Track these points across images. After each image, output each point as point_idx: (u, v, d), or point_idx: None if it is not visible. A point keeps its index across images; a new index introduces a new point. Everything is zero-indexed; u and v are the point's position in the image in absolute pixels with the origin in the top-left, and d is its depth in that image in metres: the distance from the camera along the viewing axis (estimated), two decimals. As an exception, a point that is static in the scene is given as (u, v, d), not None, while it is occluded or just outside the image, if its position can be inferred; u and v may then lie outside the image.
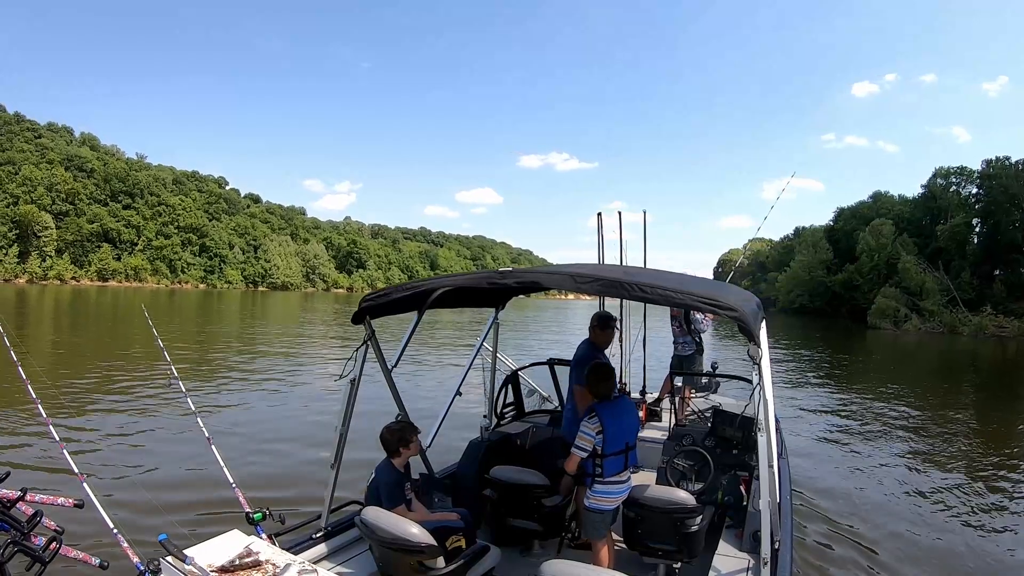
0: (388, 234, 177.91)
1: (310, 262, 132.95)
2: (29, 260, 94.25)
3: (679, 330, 8.42)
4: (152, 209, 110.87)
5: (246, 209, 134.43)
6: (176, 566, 2.80)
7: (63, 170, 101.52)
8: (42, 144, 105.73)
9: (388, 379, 4.58)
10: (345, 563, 3.93)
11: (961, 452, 11.35)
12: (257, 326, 36.85)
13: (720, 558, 4.00)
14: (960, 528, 7.49)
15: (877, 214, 75.68)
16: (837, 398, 17.30)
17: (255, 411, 12.51)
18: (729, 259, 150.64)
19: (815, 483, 8.99)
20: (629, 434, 4.06)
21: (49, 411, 4.71)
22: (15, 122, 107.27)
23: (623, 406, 4.16)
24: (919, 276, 61.45)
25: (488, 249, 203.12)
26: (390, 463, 3.96)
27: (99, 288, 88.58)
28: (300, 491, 7.40)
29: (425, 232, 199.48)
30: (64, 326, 31.95)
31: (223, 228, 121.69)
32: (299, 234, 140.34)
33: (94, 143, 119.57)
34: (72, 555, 3.57)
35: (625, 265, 8.25)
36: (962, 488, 9.09)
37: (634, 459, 4.09)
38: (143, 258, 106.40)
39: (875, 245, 71.10)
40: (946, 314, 56.94)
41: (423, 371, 17.98)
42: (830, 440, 11.94)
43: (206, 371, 17.00)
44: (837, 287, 76.96)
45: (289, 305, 66.60)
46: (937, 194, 70.68)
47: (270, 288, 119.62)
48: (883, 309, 59.91)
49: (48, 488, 4.14)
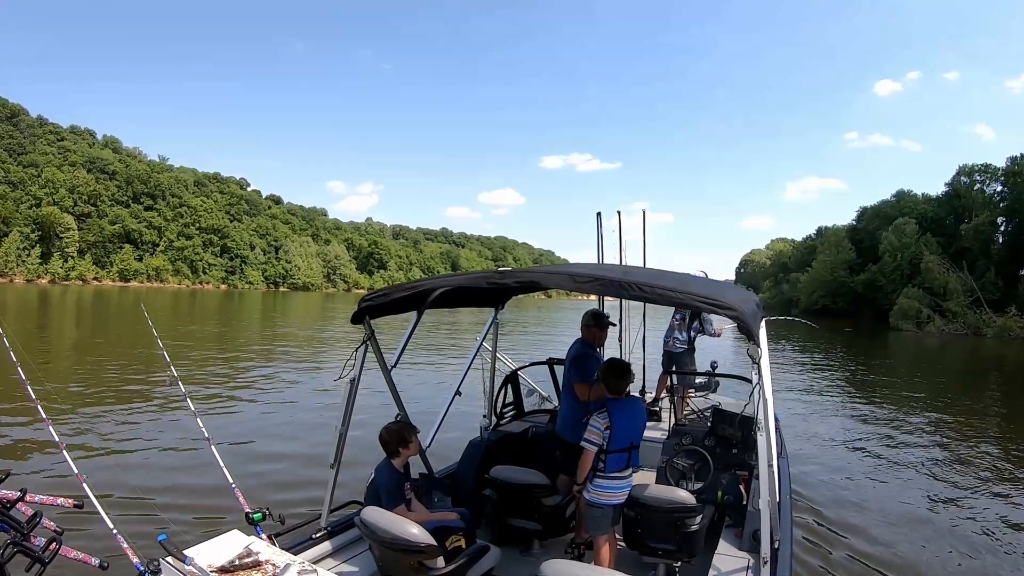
0: (409, 235, 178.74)
1: (331, 263, 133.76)
2: (51, 261, 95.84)
3: (679, 323, 8.35)
4: (174, 210, 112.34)
5: (267, 210, 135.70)
6: (176, 566, 2.80)
7: (85, 172, 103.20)
8: (64, 147, 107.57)
9: (388, 379, 4.58)
10: (345, 563, 3.93)
11: (980, 459, 10.99)
12: (276, 327, 37.13)
13: (720, 557, 3.99)
14: (971, 538, 7.29)
15: (900, 213, 74.47)
16: (851, 402, 17.02)
17: (256, 411, 12.57)
18: (751, 259, 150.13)
19: (821, 485, 8.89)
20: (635, 434, 4.12)
21: (49, 411, 4.73)
22: (38, 125, 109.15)
23: (634, 406, 4.21)
24: (942, 276, 60.30)
25: (509, 250, 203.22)
26: (390, 463, 3.96)
27: (120, 288, 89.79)
28: (300, 491, 7.39)
29: (447, 233, 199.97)
30: (75, 326, 32.31)
31: (244, 229, 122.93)
32: (320, 235, 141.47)
33: (116, 146, 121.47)
34: (72, 556, 3.57)
35: (624, 264, 8.25)
36: (979, 496, 8.83)
37: (636, 460, 4.13)
38: (164, 259, 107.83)
39: (898, 245, 70.02)
40: (970, 315, 55.77)
41: (423, 371, 18.00)
42: (839, 443, 11.77)
43: (209, 372, 17.10)
44: (860, 288, 75.88)
45: (309, 306, 66.99)
46: (961, 192, 69.68)
47: (291, 288, 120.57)
48: (905, 310, 59.06)
49: (48, 489, 4.13)
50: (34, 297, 55.27)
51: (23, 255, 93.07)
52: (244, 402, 13.39)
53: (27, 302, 46.96)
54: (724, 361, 9.13)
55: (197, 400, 10.00)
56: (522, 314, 58.47)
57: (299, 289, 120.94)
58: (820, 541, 6.89)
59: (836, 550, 6.68)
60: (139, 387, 14.01)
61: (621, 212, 9.32)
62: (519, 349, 22.56)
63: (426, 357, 21.32)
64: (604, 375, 4.20)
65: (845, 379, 22.43)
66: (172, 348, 20.13)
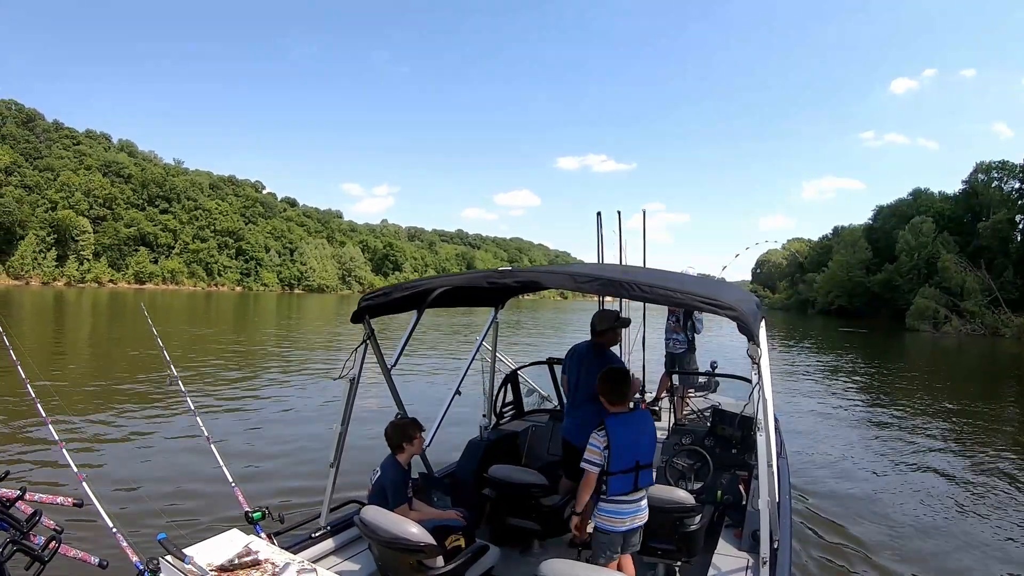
0: (425, 236, 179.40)
1: (346, 265, 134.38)
2: (67, 264, 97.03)
3: (675, 325, 8.31)
4: (189, 213, 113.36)
5: (282, 213, 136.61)
6: (175, 565, 2.79)
7: (100, 176, 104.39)
8: (80, 151, 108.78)
9: (387, 378, 4.59)
10: (344, 562, 3.93)
11: (996, 464, 10.59)
12: (284, 328, 37.33)
13: (719, 557, 3.97)
14: (981, 546, 7.08)
15: (917, 211, 73.64)
16: (861, 404, 16.77)
17: (256, 410, 12.61)
18: (768, 259, 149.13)
19: (825, 486, 8.82)
20: (640, 452, 3.68)
21: (49, 410, 4.77)
22: (54, 130, 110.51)
23: (638, 420, 3.76)
24: (959, 275, 59.32)
25: (525, 251, 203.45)
26: (395, 460, 3.95)
27: (136, 291, 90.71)
28: (299, 490, 7.40)
29: (462, 234, 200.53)
30: (82, 327, 32.61)
31: (259, 231, 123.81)
32: (335, 237, 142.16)
33: (132, 149, 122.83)
34: (71, 554, 3.58)
35: (624, 264, 8.22)
36: (991, 504, 8.53)
37: (647, 479, 3.71)
38: (180, 261, 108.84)
39: (915, 244, 69.20)
40: (988, 315, 54.60)
41: (423, 372, 18.00)
42: (847, 445, 11.59)
43: (211, 371, 17.19)
44: (876, 288, 75.04)
45: (324, 308, 67.27)
46: (979, 190, 68.54)
47: (306, 290, 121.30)
48: (922, 310, 58.09)
49: (47, 487, 4.17)
50: (49, 299, 55.92)
51: (39, 258, 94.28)
52: (245, 401, 13.43)
53: (39, 304, 47.50)
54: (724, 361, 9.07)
55: (198, 400, 10.05)
56: (539, 315, 58.44)
57: (314, 291, 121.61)
58: (820, 541, 6.83)
59: (837, 550, 6.62)
60: (140, 386, 14.10)
61: (621, 212, 9.28)
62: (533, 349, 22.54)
63: (426, 358, 21.35)
64: (600, 385, 3.79)
65: (857, 380, 22.10)
66: (179, 349, 20.57)
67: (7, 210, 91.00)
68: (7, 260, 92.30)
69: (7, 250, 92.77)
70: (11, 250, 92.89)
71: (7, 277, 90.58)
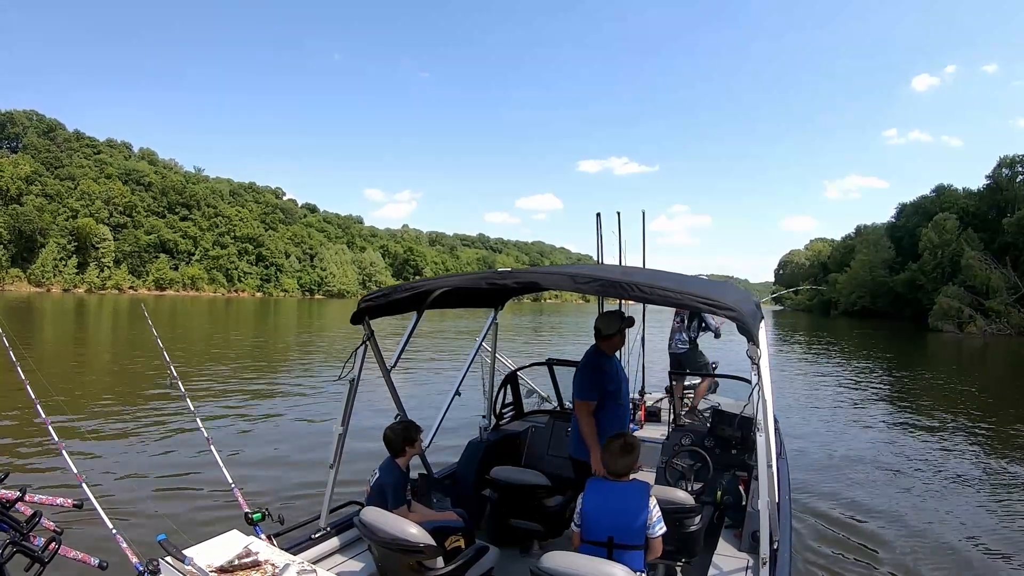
0: (446, 241, 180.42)
1: (366, 270, 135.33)
2: (88, 271, 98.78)
3: (679, 325, 8.22)
4: (209, 220, 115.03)
5: (303, 219, 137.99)
6: (175, 566, 2.79)
7: (121, 184, 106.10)
8: (101, 160, 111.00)
9: (387, 379, 4.57)
10: (344, 563, 3.93)
11: (1016, 471, 10.18)
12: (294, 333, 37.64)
13: (719, 558, 3.95)
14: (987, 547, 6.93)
15: (940, 208, 72.17)
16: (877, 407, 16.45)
17: (257, 411, 12.67)
18: (790, 260, 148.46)
19: (828, 487, 8.70)
20: (616, 527, 3.13)
21: (49, 411, 4.79)
22: (75, 139, 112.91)
23: (621, 493, 3.21)
24: (984, 273, 57.69)
25: (547, 255, 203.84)
26: (394, 463, 3.92)
27: (156, 297, 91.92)
28: (299, 491, 7.42)
29: (484, 239, 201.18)
30: (88, 332, 32.97)
31: (279, 238, 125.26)
32: (355, 242, 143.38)
33: (152, 158, 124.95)
34: (71, 555, 3.60)
35: (624, 265, 8.18)
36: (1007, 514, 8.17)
37: (636, 564, 3.08)
38: (200, 268, 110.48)
39: (938, 241, 67.71)
40: (1014, 314, 52.94)
41: (422, 372, 18.02)
42: (855, 446, 11.38)
43: (212, 372, 17.34)
44: (900, 287, 73.76)
45: (345, 313, 67.64)
46: (1003, 185, 66.77)
47: (326, 296, 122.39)
48: (945, 310, 56.34)
49: (47, 488, 4.19)
50: (68, 305, 56.84)
51: (60, 265, 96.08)
52: (245, 402, 13.50)
53: (56, 309, 48.29)
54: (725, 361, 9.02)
55: (200, 401, 10.09)
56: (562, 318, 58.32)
57: (334, 296, 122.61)
58: (821, 542, 6.74)
59: (837, 551, 6.54)
60: (141, 388, 14.24)
61: (621, 213, 9.25)
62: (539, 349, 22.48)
63: (426, 358, 21.39)
64: (603, 455, 3.36)
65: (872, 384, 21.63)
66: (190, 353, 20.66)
67: (28, 219, 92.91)
68: (29, 268, 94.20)
69: (28, 258, 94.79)
70: (32, 258, 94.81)
71: (29, 284, 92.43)
